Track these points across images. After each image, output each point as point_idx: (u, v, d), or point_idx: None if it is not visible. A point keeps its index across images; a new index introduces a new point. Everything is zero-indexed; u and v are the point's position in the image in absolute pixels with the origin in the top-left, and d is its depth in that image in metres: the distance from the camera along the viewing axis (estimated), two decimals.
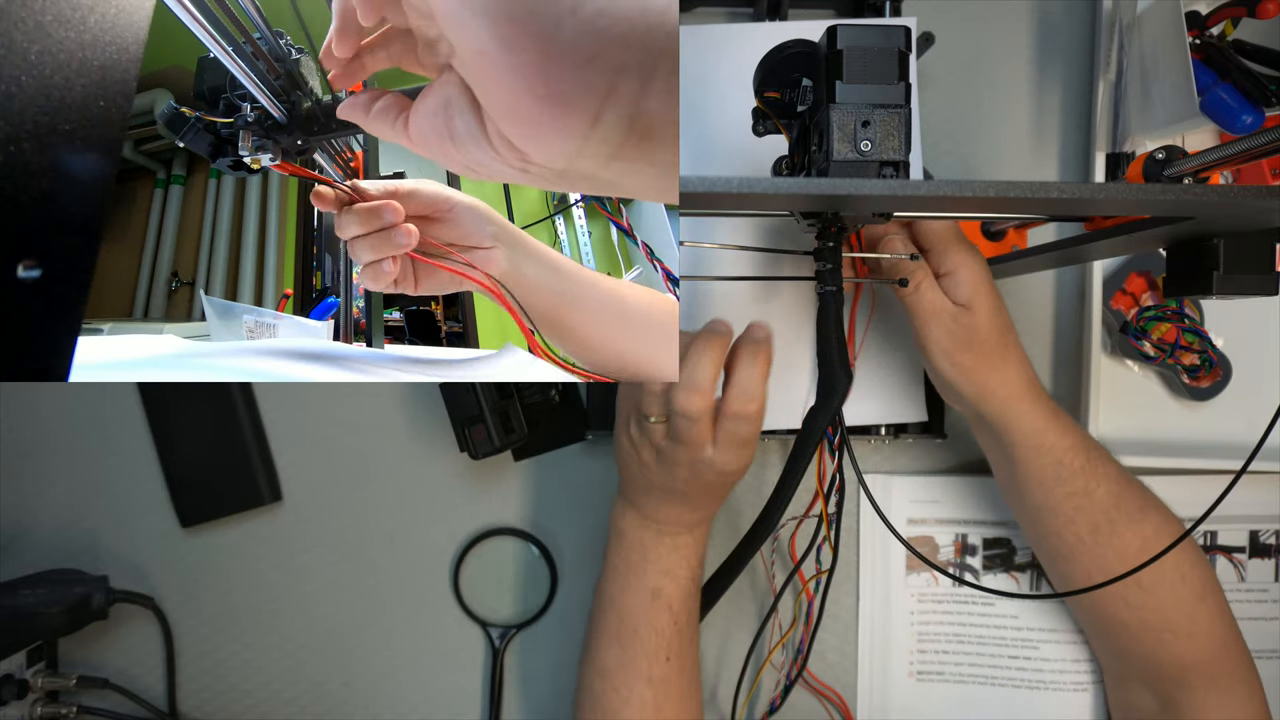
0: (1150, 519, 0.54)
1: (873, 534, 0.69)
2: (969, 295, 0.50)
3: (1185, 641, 0.55)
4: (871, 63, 0.38)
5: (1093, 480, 0.54)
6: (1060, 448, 0.53)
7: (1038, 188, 0.36)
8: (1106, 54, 0.66)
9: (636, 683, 0.55)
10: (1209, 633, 0.55)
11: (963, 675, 0.68)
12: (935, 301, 0.50)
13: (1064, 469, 0.54)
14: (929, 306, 0.50)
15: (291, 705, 0.69)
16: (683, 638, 0.56)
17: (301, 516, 0.70)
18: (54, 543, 0.70)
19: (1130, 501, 0.55)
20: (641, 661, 0.55)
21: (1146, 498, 0.56)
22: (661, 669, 0.55)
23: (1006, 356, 0.52)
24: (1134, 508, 0.54)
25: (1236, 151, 0.37)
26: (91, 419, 0.70)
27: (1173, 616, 0.55)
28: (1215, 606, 0.56)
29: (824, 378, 0.46)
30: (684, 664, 0.56)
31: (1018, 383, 0.52)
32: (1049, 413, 0.53)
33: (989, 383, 0.52)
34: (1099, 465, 0.54)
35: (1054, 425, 0.53)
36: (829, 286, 0.46)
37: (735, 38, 0.63)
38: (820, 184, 0.37)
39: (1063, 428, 0.54)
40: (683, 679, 0.56)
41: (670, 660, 0.55)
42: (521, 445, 0.66)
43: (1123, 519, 0.54)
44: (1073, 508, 0.54)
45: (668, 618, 0.55)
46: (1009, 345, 0.52)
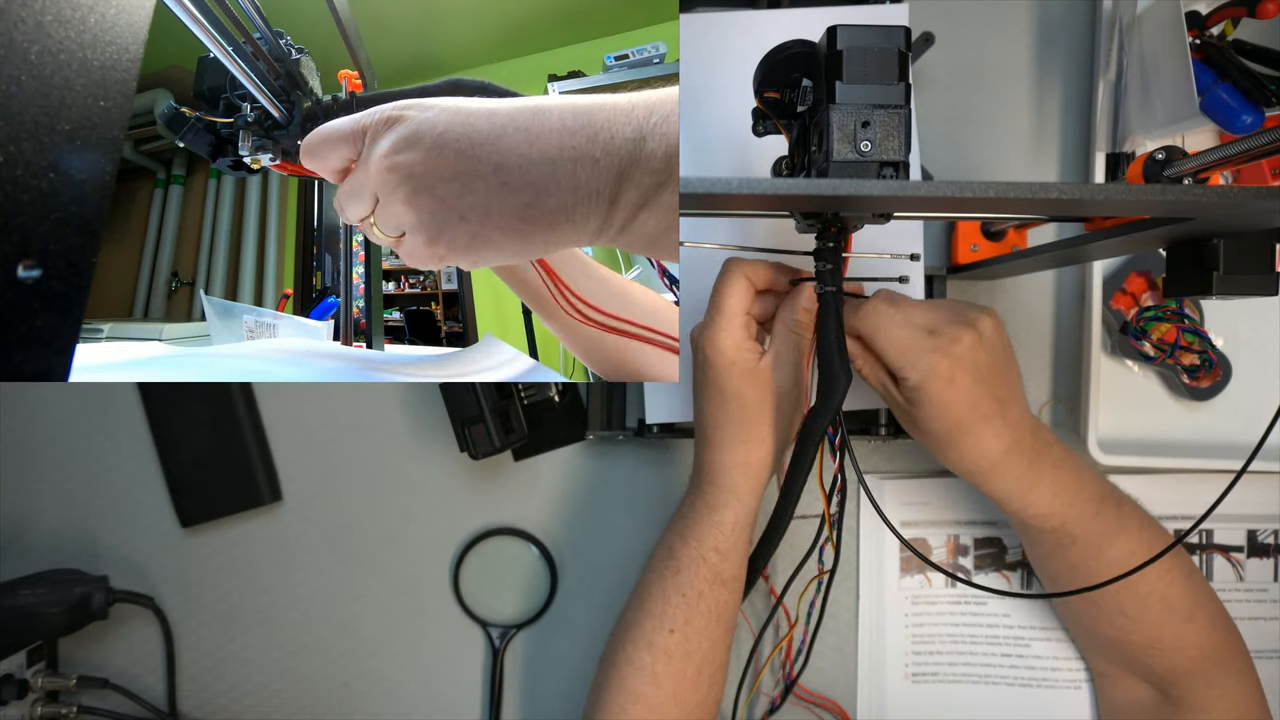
0: (1131, 552, 0.53)
1: (867, 536, 0.69)
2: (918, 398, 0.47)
3: (1174, 655, 0.55)
4: (871, 63, 0.38)
5: (1066, 539, 0.53)
6: (1032, 513, 0.52)
7: (1038, 188, 0.36)
8: (1106, 54, 0.66)
9: (640, 644, 0.55)
10: (1198, 645, 0.55)
11: (957, 675, 0.68)
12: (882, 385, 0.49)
13: (1032, 530, 0.54)
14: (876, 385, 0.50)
15: (291, 705, 0.69)
16: (689, 617, 0.54)
17: (301, 516, 0.70)
18: (54, 543, 0.70)
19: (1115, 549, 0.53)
20: (647, 623, 0.55)
21: (1138, 540, 0.53)
22: (664, 639, 0.54)
23: (969, 434, 0.48)
24: (1120, 554, 0.53)
25: (1236, 152, 0.37)
26: (91, 419, 0.70)
27: (1160, 635, 0.55)
28: (1205, 621, 0.55)
29: (824, 378, 0.46)
30: (689, 649, 0.54)
31: (981, 459, 0.49)
32: (1021, 484, 0.50)
33: (946, 458, 0.50)
34: (1076, 526, 0.52)
35: (1025, 495, 0.51)
36: (829, 287, 0.46)
37: (735, 26, 0.63)
38: (820, 184, 0.37)
39: (1035, 498, 0.51)
40: (687, 663, 0.54)
41: (674, 634, 0.54)
42: (521, 445, 0.66)
43: (1103, 564, 0.53)
44: (1048, 550, 0.55)
45: (675, 585, 0.54)
46: (974, 423, 0.47)
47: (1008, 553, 0.68)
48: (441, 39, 1.90)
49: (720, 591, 0.54)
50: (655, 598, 0.55)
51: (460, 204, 0.32)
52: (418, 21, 1.79)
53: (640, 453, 0.70)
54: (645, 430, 0.66)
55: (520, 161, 0.31)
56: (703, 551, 0.54)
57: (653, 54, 1.59)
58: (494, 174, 0.32)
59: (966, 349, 0.45)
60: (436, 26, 1.83)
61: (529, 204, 0.32)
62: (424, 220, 0.33)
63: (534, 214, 0.32)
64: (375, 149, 0.34)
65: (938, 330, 0.46)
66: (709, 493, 0.53)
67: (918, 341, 0.45)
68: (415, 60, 1.98)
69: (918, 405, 0.47)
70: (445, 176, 0.32)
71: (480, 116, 0.33)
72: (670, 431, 0.66)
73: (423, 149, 0.33)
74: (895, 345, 0.46)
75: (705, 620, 0.54)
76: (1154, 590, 0.54)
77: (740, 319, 0.49)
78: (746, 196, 0.37)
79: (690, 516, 0.54)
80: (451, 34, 1.88)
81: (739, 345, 0.49)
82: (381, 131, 0.34)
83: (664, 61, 1.59)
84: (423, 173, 0.33)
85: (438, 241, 0.34)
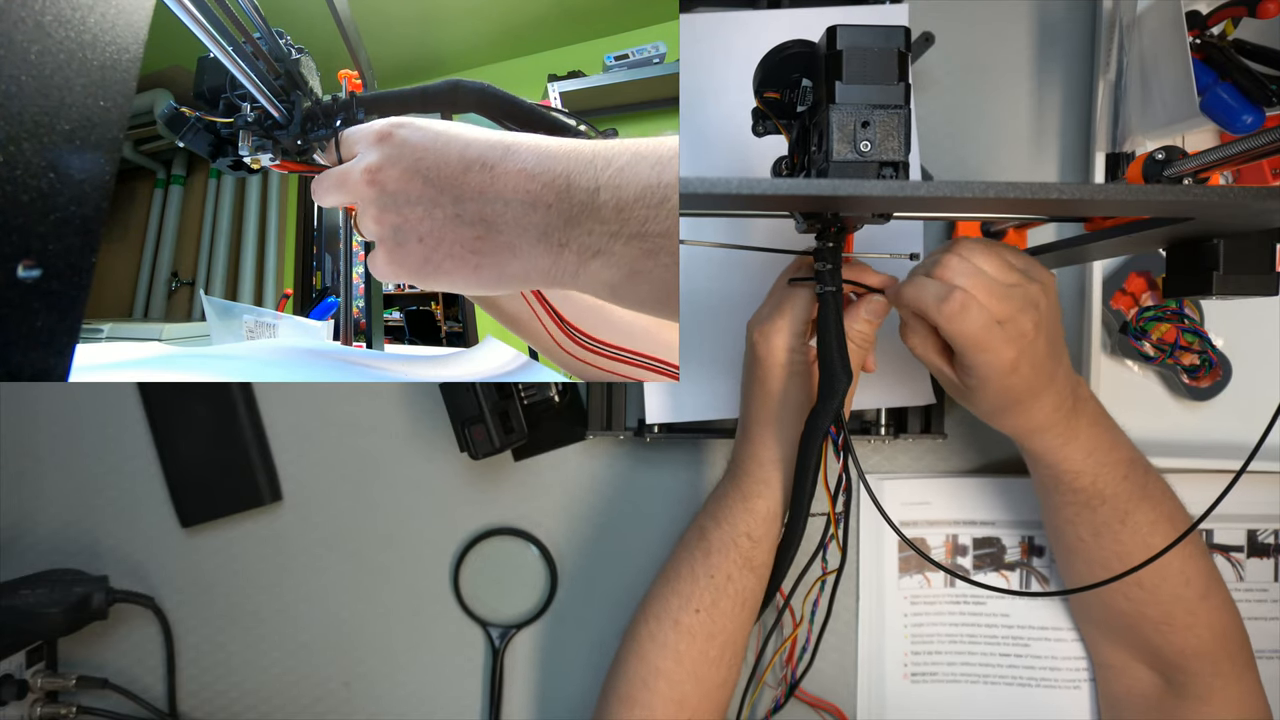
0: (1153, 520, 0.54)
1: (867, 536, 0.69)
2: (976, 383, 0.47)
3: (1184, 634, 0.56)
4: (871, 63, 0.38)
5: (1095, 498, 0.53)
6: (1065, 469, 0.53)
7: (1038, 188, 0.36)
8: (1106, 54, 0.66)
9: (665, 621, 0.56)
10: (1209, 624, 0.56)
11: (956, 675, 0.68)
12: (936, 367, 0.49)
13: (1062, 489, 0.54)
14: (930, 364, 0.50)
15: (291, 705, 0.69)
16: (716, 598, 0.56)
17: (301, 516, 0.70)
18: (54, 543, 0.70)
19: (1140, 514, 0.54)
20: (674, 601, 0.57)
21: (1159, 509, 0.54)
22: (690, 618, 0.56)
23: (1020, 406, 0.49)
24: (1144, 521, 0.54)
25: (1237, 152, 0.37)
26: (91, 419, 0.70)
27: (1172, 611, 0.55)
28: (1218, 602, 0.56)
29: (824, 378, 0.46)
30: (713, 629, 0.56)
31: (1028, 423, 0.51)
32: (1059, 439, 0.52)
33: (991, 422, 0.52)
34: (1106, 485, 0.53)
35: (1060, 450, 0.52)
36: (829, 287, 0.46)
37: (735, 26, 0.63)
38: (820, 185, 0.37)
39: (1070, 452, 0.52)
40: (710, 644, 0.56)
41: (700, 614, 0.56)
42: (521, 445, 0.66)
43: (1127, 528, 0.54)
44: (1072, 513, 0.55)
45: (705, 566, 0.56)
46: (1026, 399, 0.49)
47: (1006, 553, 0.68)
48: (441, 39, 1.90)
49: (749, 577, 0.56)
50: (684, 578, 0.57)
51: (420, 227, 0.35)
52: (418, 21, 1.79)
53: (640, 453, 0.70)
54: (645, 430, 0.66)
55: (477, 197, 0.34)
56: (735, 536, 0.55)
57: (653, 54, 1.59)
58: (452, 204, 0.34)
59: (1031, 339, 0.46)
60: (436, 26, 1.83)
61: (479, 237, 0.34)
62: (386, 235, 0.36)
63: (483, 247, 0.34)
64: (363, 159, 0.37)
65: (1007, 320, 0.45)
66: (744, 482, 0.55)
67: (990, 334, 0.45)
68: (415, 60, 1.98)
69: (975, 389, 0.48)
70: (412, 199, 0.35)
71: (456, 146, 0.35)
72: (670, 431, 0.66)
73: (399, 169, 0.36)
74: (970, 339, 0.45)
75: (732, 603, 0.56)
76: (1173, 564, 0.54)
77: (800, 325, 0.50)
78: (746, 196, 0.37)
79: (724, 502, 0.56)
80: (451, 34, 1.88)
81: (793, 348, 0.50)
82: (373, 144, 0.37)
83: (664, 61, 1.59)
84: (393, 191, 0.36)
85: (395, 258, 0.36)
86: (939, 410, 0.66)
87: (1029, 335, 0.45)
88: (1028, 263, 0.47)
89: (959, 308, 0.44)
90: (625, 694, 0.57)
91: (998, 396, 0.48)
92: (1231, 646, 0.56)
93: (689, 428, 0.66)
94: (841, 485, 0.53)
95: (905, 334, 0.49)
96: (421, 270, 0.36)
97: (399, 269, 0.37)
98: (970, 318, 0.44)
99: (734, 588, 0.56)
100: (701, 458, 0.70)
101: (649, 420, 0.65)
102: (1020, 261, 0.47)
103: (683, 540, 0.59)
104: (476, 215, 0.34)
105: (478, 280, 0.36)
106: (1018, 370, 0.46)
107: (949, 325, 0.45)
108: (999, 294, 0.44)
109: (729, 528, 0.55)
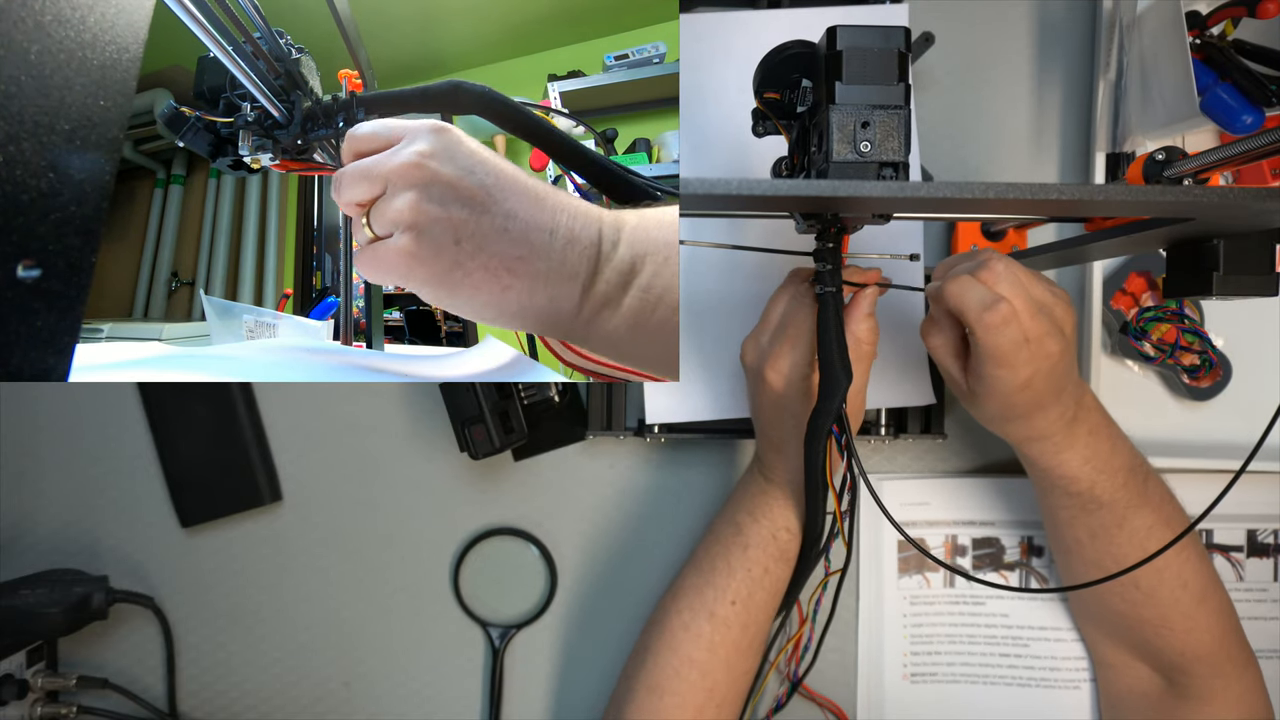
0: (1150, 525, 0.54)
1: (867, 536, 0.69)
2: (986, 390, 0.47)
3: (1183, 636, 0.56)
4: (871, 64, 0.38)
5: (1092, 503, 0.53)
6: (1059, 475, 0.53)
7: (1038, 189, 0.36)
8: (1106, 54, 0.66)
9: (700, 612, 0.57)
10: (1208, 628, 0.55)
11: (955, 675, 0.68)
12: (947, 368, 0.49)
13: (1057, 492, 0.54)
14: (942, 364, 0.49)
15: (291, 705, 0.69)
16: (752, 591, 0.56)
17: (301, 516, 0.70)
18: (54, 543, 0.70)
19: (1137, 519, 0.54)
20: (709, 593, 0.57)
21: (1158, 514, 0.54)
22: (725, 610, 0.57)
23: (1023, 417, 0.49)
24: (1141, 526, 0.54)
25: (1237, 152, 0.37)
26: (91, 419, 0.70)
27: (1169, 614, 0.55)
28: (1216, 605, 0.56)
29: (824, 378, 0.46)
30: (746, 620, 0.57)
31: (1028, 432, 0.50)
32: (1055, 447, 0.51)
33: (991, 427, 0.52)
34: (1103, 492, 0.53)
35: (1056, 457, 0.52)
36: (828, 287, 0.46)
37: (735, 26, 0.63)
38: (820, 185, 0.37)
39: (1067, 459, 0.52)
40: (743, 636, 0.57)
41: (735, 605, 0.56)
42: (521, 445, 0.66)
43: (1124, 533, 0.54)
44: (1069, 516, 0.55)
45: (742, 560, 0.56)
46: (1031, 411, 0.48)
47: (1006, 553, 0.68)
48: (442, 39, 1.90)
49: (783, 569, 0.57)
50: (720, 571, 0.57)
51: (461, 229, 0.33)
52: (418, 21, 1.79)
53: (640, 453, 0.70)
54: (645, 430, 0.66)
55: (527, 218, 0.33)
56: (774, 530, 0.56)
57: (653, 54, 1.59)
58: (503, 217, 0.33)
59: (1051, 361, 0.45)
60: (437, 26, 1.83)
61: (521, 258, 0.33)
62: (421, 226, 0.33)
63: (520, 269, 0.33)
64: (414, 144, 0.34)
65: (1035, 340, 0.44)
66: (777, 477, 0.56)
67: (1017, 351, 0.44)
68: (415, 60, 1.98)
69: (981, 397, 0.48)
70: (461, 198, 0.33)
71: (508, 165, 0.35)
72: (670, 431, 0.66)
73: (455, 164, 0.33)
74: (998, 351, 0.45)
75: (766, 595, 0.57)
76: (1170, 567, 0.54)
77: (806, 351, 0.50)
78: (746, 197, 0.37)
79: (760, 497, 0.57)
80: (452, 34, 1.88)
81: (798, 365, 0.50)
82: (428, 132, 0.35)
83: (664, 61, 1.59)
84: (444, 184, 0.33)
85: (421, 253, 0.33)
86: (939, 410, 0.66)
87: (1052, 359, 0.45)
88: (1051, 286, 0.47)
89: (1002, 320, 0.43)
90: (655, 684, 0.57)
91: (1001, 408, 0.48)
92: (1231, 649, 0.56)
93: (689, 428, 0.66)
94: (845, 484, 0.53)
95: (928, 329, 0.48)
96: (447, 275, 0.33)
97: (418, 266, 0.33)
98: (1009, 332, 0.43)
99: (769, 580, 0.56)
100: (702, 458, 0.70)
101: (649, 420, 0.65)
102: (1048, 284, 0.47)
103: (713, 534, 0.59)
104: (522, 236, 0.33)
105: (500, 303, 0.33)
106: (1029, 387, 0.46)
107: (986, 335, 0.44)
108: (1033, 311, 0.44)
109: (768, 522, 0.56)
